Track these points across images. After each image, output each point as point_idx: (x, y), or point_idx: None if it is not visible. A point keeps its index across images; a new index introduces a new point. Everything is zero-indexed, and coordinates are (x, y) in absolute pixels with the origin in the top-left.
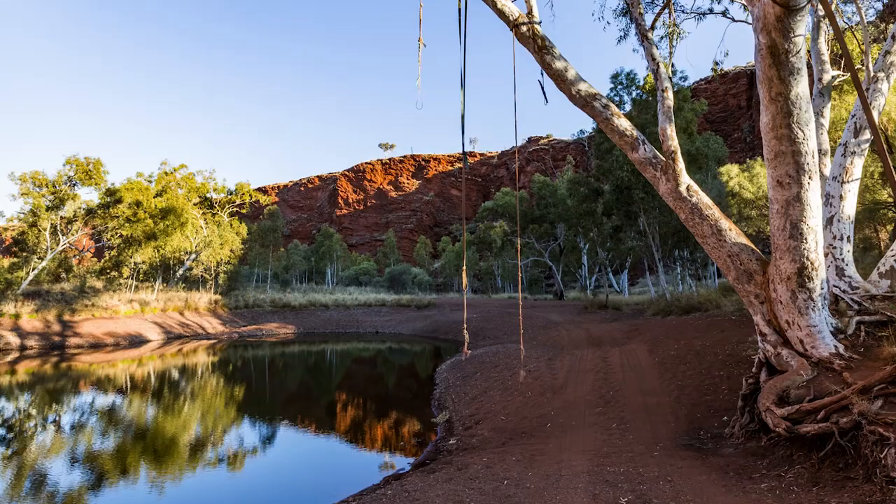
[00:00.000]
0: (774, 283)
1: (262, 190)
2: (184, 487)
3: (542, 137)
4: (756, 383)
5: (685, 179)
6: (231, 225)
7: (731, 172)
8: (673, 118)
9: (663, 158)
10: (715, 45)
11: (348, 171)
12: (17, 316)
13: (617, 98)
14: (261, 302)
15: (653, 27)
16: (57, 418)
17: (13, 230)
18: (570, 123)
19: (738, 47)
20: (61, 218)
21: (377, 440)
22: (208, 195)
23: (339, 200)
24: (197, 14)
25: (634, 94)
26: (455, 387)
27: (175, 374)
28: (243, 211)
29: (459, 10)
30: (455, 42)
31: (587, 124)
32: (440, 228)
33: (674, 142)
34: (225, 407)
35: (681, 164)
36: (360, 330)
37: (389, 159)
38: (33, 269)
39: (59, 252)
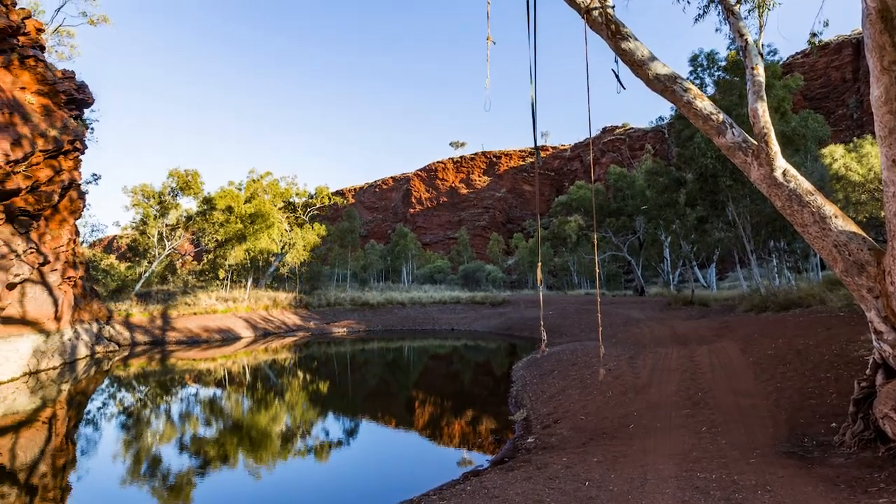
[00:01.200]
0: (892, 275)
1: (340, 193)
2: (276, 473)
3: (617, 127)
4: (871, 387)
5: (781, 163)
6: (312, 227)
7: (836, 153)
8: (765, 97)
9: (754, 142)
10: (812, 14)
11: (420, 170)
12: (129, 314)
13: (697, 81)
14: (341, 300)
15: (739, 0)
16: (167, 409)
17: (127, 237)
18: (646, 111)
19: (840, 14)
20: (166, 225)
21: (455, 436)
22: (291, 199)
23: (413, 200)
24: (265, 27)
25: (717, 75)
26: (532, 384)
27: (265, 369)
28: (323, 213)
29: (527, 2)
30: (523, 34)
31: (665, 110)
32: (513, 225)
33: (766, 123)
34: (311, 400)
35: (775, 147)
36: (436, 327)
37: (461, 157)
38: (144, 273)
39: (166, 256)
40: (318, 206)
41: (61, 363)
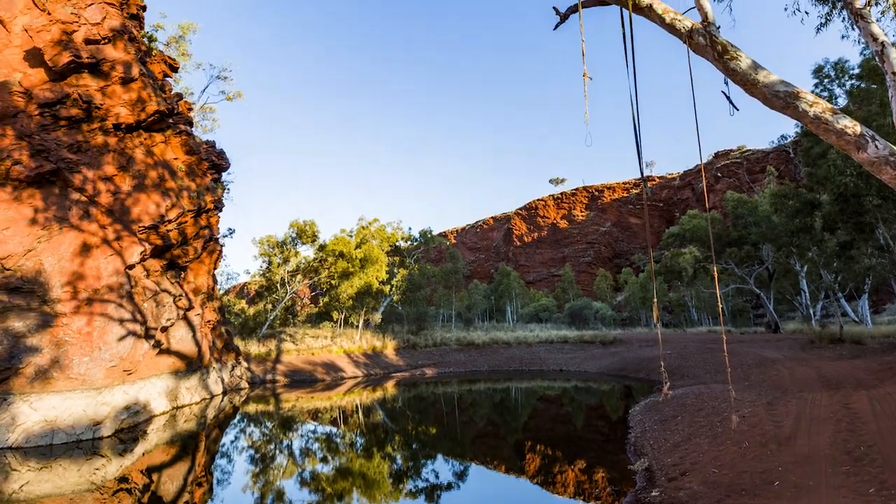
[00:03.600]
0: None
1: (442, 235)
2: None
3: (731, 151)
4: None
5: None
6: (418, 269)
7: None
8: None
9: None
10: None
11: (521, 209)
12: (255, 354)
13: (825, 94)
14: (446, 340)
15: (869, 2)
16: (291, 444)
17: (255, 283)
18: (764, 131)
19: None
20: (287, 272)
21: (569, 484)
22: (397, 244)
23: (514, 239)
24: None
25: (849, 84)
26: (653, 431)
27: (376, 409)
28: (428, 255)
29: (624, 34)
30: (620, 62)
31: (787, 127)
32: (620, 259)
33: None
34: (420, 441)
35: None
36: (544, 368)
37: (561, 193)
38: (268, 316)
39: (287, 300)
40: (422, 248)
41: (202, 399)
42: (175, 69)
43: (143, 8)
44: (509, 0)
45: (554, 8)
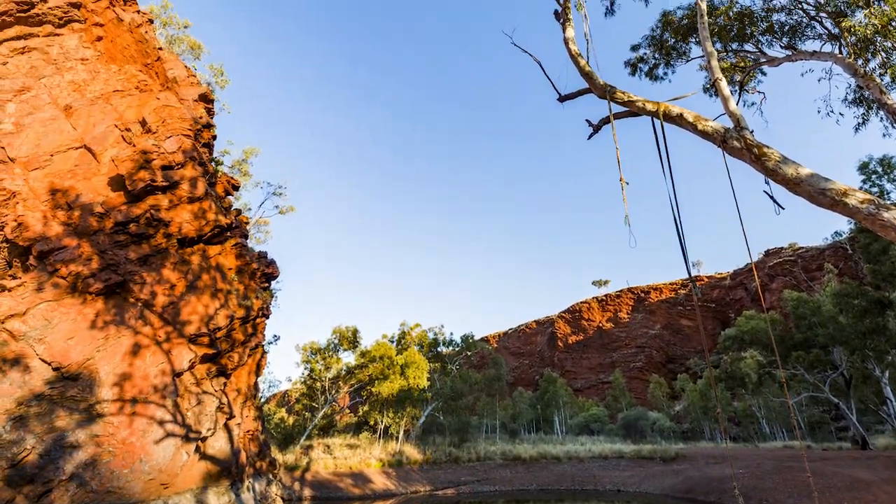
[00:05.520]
0: None
1: (484, 339)
2: None
3: (782, 248)
4: None
5: None
6: (460, 376)
7: None
8: None
9: None
10: None
11: (564, 312)
12: (295, 467)
13: (875, 189)
14: (491, 454)
15: None
16: None
17: (297, 391)
18: (816, 227)
19: None
20: (328, 379)
21: None
22: (438, 349)
23: (559, 343)
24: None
25: None
26: None
27: None
28: (469, 361)
29: (658, 143)
30: (656, 163)
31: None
32: (674, 365)
33: None
34: None
35: None
36: (598, 487)
37: (605, 295)
38: (308, 427)
39: (328, 408)
40: (464, 354)
41: None
42: (236, 188)
43: (214, 137)
44: (550, 109)
45: (587, 120)
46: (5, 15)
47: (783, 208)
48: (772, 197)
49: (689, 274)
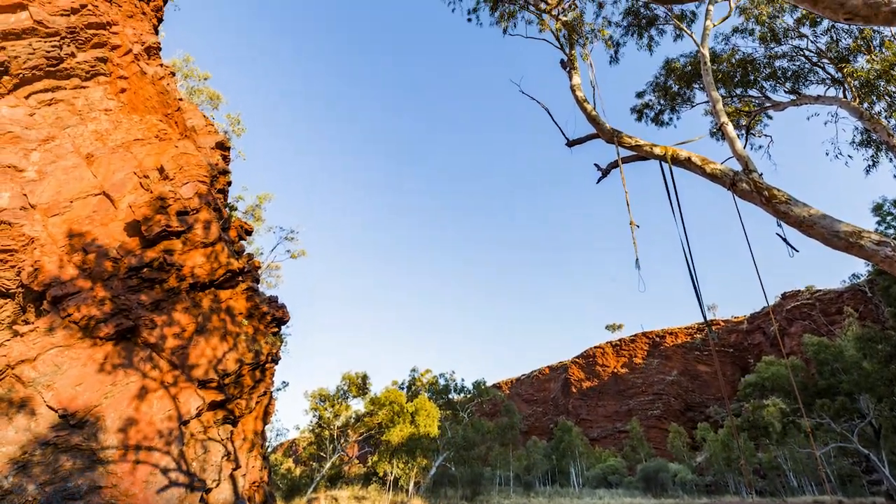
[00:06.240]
0: None
1: (496, 386)
2: None
3: (799, 291)
4: None
5: None
6: (472, 425)
7: None
8: None
9: None
10: None
11: (578, 357)
12: None
13: (890, 231)
14: None
15: None
16: None
17: (305, 440)
18: (833, 268)
19: None
20: (337, 428)
21: None
22: (450, 396)
23: (573, 390)
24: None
25: None
26: None
27: None
28: (481, 409)
29: (667, 186)
30: (666, 203)
31: (856, 265)
32: (694, 413)
33: None
34: None
35: None
36: None
37: (619, 340)
38: (315, 478)
39: (336, 458)
40: (475, 401)
41: None
42: (249, 232)
43: (229, 183)
44: (554, 151)
45: (595, 164)
46: (36, 69)
47: (797, 251)
48: (784, 239)
49: (705, 318)
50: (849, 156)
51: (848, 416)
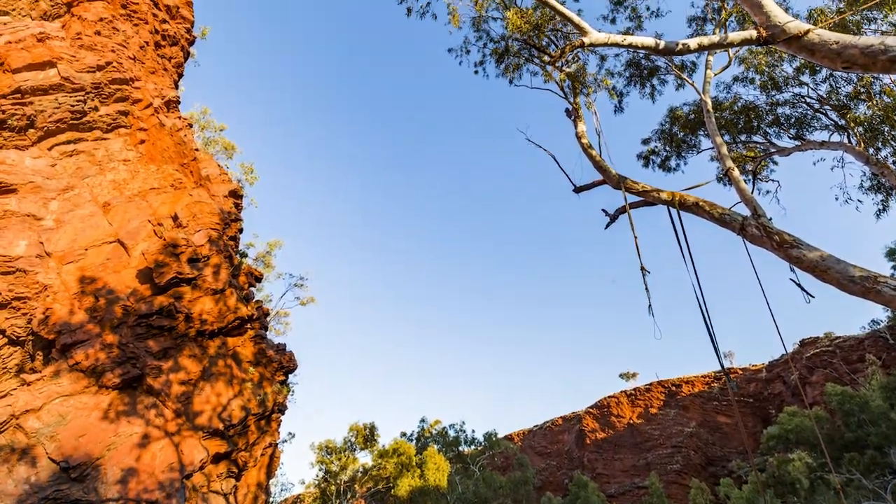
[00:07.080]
0: None
1: (508, 437)
2: None
3: (818, 338)
4: None
5: None
6: (483, 479)
7: None
8: None
9: None
10: None
11: (591, 407)
12: None
13: None
14: None
15: None
16: None
17: (310, 495)
18: (851, 312)
19: None
20: (344, 482)
21: None
22: (460, 448)
23: (587, 441)
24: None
25: None
26: None
27: None
28: (493, 462)
29: (676, 232)
30: (677, 247)
31: (874, 310)
32: (715, 468)
33: None
34: None
35: None
36: None
37: (634, 389)
38: None
39: None
40: (486, 454)
41: None
42: (259, 279)
43: (241, 230)
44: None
45: (603, 210)
46: (60, 122)
47: (813, 297)
48: (799, 285)
49: (723, 367)
50: (858, 200)
51: (879, 472)
